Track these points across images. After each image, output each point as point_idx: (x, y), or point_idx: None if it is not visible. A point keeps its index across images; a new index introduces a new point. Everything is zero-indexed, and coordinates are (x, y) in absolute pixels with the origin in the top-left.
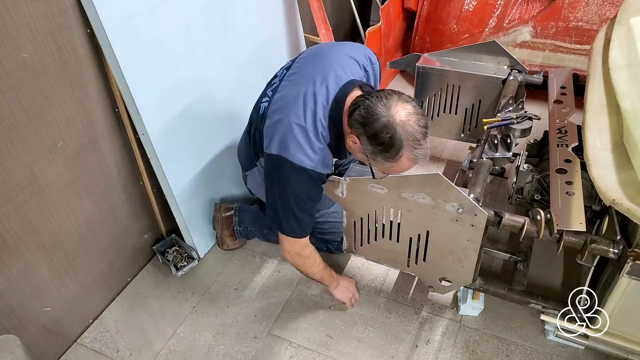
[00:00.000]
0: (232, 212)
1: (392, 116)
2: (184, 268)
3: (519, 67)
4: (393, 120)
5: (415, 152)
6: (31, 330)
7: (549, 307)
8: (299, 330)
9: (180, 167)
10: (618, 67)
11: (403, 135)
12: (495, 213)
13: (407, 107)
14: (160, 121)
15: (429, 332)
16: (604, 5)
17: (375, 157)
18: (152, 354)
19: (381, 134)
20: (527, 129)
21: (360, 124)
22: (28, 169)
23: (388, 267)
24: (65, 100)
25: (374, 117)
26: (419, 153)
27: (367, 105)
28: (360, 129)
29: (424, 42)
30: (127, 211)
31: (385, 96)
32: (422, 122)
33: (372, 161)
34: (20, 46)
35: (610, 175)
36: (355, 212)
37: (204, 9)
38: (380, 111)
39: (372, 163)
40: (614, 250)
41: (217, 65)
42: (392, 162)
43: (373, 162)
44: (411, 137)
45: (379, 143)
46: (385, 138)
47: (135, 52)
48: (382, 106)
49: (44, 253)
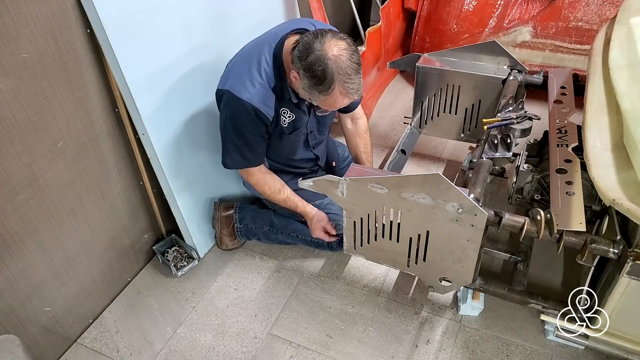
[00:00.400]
0: (232, 211)
1: (324, 50)
2: (184, 268)
3: (519, 67)
4: (325, 54)
5: (347, 86)
6: (31, 330)
7: (549, 307)
8: (299, 330)
9: (180, 167)
10: (618, 67)
11: (335, 69)
12: (495, 213)
13: (340, 44)
14: (160, 121)
15: (429, 332)
16: (604, 5)
17: (311, 91)
18: (152, 354)
19: (314, 67)
20: (527, 129)
21: (298, 58)
22: (28, 169)
23: (388, 267)
24: (65, 100)
25: (309, 51)
26: (351, 87)
27: (305, 41)
28: (298, 64)
29: (424, 42)
30: (127, 211)
31: (321, 33)
32: (355, 57)
33: (310, 95)
34: (20, 46)
35: (610, 175)
36: (355, 212)
37: (203, 9)
38: (316, 46)
39: (311, 98)
40: (614, 250)
41: (217, 64)
42: (325, 95)
43: (311, 97)
44: (342, 71)
45: (312, 76)
46: (318, 71)
47: (135, 52)
48: (317, 42)
49: (44, 253)
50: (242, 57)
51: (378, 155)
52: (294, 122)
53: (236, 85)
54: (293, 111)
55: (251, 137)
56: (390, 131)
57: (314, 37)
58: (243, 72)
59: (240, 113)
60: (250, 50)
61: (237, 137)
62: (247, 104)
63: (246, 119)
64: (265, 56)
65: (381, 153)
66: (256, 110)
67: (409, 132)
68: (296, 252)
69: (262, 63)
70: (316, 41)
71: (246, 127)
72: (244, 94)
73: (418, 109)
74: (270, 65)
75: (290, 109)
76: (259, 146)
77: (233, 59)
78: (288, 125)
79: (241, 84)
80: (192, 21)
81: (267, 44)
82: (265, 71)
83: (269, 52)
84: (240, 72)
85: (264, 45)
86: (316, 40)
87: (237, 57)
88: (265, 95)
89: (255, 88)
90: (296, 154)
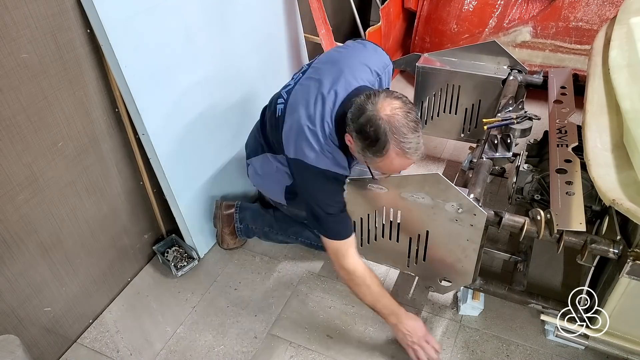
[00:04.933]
0: (233, 210)
1: (377, 110)
2: (184, 268)
3: (519, 67)
4: (377, 114)
5: (403, 146)
6: (31, 330)
7: (549, 307)
8: (299, 330)
9: (180, 167)
10: (618, 67)
11: (388, 128)
12: (495, 213)
13: (394, 103)
14: (160, 121)
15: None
16: (604, 5)
17: (365, 153)
18: (152, 354)
19: (366, 128)
20: (527, 129)
21: (351, 120)
22: (28, 169)
23: (388, 267)
24: (65, 100)
25: (361, 113)
26: (407, 147)
27: (358, 103)
28: (350, 126)
29: (424, 42)
30: (127, 211)
31: (375, 94)
32: (411, 116)
33: (365, 159)
34: (20, 46)
35: (610, 175)
36: (355, 212)
37: (204, 9)
38: (367, 107)
39: (366, 161)
40: (614, 250)
41: (217, 65)
42: (380, 156)
43: (366, 160)
44: (397, 130)
45: (364, 137)
46: (370, 132)
47: (135, 52)
48: (370, 103)
49: (44, 253)
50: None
51: None
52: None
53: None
54: None
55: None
56: None
57: (366, 98)
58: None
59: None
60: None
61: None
62: (327, 172)
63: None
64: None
65: None
66: (336, 175)
67: None
68: (296, 252)
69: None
70: (369, 102)
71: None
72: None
73: (418, 108)
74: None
75: None
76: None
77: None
78: None
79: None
80: (192, 21)
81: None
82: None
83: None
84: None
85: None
86: (369, 101)
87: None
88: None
89: (328, 155)
90: None
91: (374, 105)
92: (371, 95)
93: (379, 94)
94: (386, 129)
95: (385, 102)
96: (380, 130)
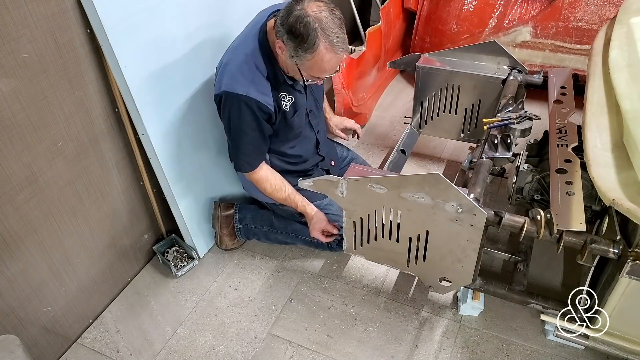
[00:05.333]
0: (232, 211)
1: (304, 9)
2: (184, 268)
3: (519, 67)
4: (305, 12)
5: (331, 40)
6: (31, 330)
7: (549, 307)
8: (299, 330)
9: (180, 167)
10: (618, 67)
11: (316, 24)
12: (495, 213)
13: (319, 2)
14: (160, 121)
15: (429, 332)
16: (604, 5)
17: (297, 53)
18: (152, 354)
19: (296, 25)
20: (527, 129)
21: (280, 25)
22: (28, 169)
23: (388, 267)
24: (65, 100)
25: (289, 14)
26: (336, 41)
27: (287, 8)
28: (281, 30)
29: (424, 42)
30: (127, 211)
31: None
32: (336, 12)
33: (296, 61)
34: (20, 46)
35: (610, 175)
36: (355, 212)
37: (203, 9)
38: (295, 7)
39: (298, 65)
40: (614, 250)
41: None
42: (311, 53)
43: (298, 63)
44: (325, 25)
45: (295, 35)
46: (300, 28)
47: (135, 52)
48: (297, 6)
49: (44, 253)
50: (230, 57)
51: (378, 155)
52: (294, 104)
53: (230, 84)
54: (291, 93)
55: (253, 133)
56: (390, 131)
57: (293, 3)
58: (234, 70)
59: (242, 111)
60: (236, 49)
61: (242, 137)
62: (245, 98)
63: (247, 115)
64: (250, 48)
65: (381, 153)
66: (257, 103)
67: (408, 132)
68: (296, 252)
69: (249, 54)
70: (295, 5)
71: (248, 124)
72: (239, 89)
73: (418, 109)
74: (257, 54)
75: (288, 92)
76: (262, 143)
77: (221, 63)
78: (290, 109)
79: (235, 80)
80: (192, 21)
81: (249, 36)
82: (254, 63)
83: (254, 42)
84: (230, 71)
85: (247, 39)
86: (295, 5)
87: (224, 59)
88: (261, 85)
89: (248, 81)
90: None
91: (301, 6)
92: (298, 0)
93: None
94: (315, 25)
95: (311, 3)
96: (309, 26)
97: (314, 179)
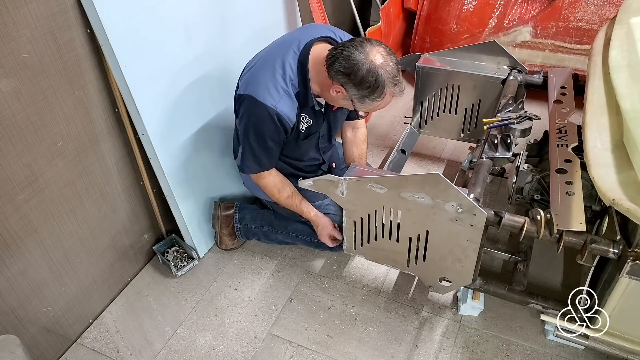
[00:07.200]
0: (232, 211)
1: (372, 61)
2: (184, 268)
3: (519, 67)
4: (374, 65)
5: (395, 88)
6: (31, 330)
7: (549, 307)
8: (299, 330)
9: (180, 167)
10: (618, 67)
11: (385, 75)
12: (495, 213)
13: (381, 50)
14: (160, 121)
15: (429, 332)
16: (604, 5)
17: (363, 100)
18: (152, 354)
19: (367, 79)
20: (527, 129)
21: (344, 74)
22: (28, 169)
23: (388, 267)
24: (65, 100)
25: (357, 66)
26: (398, 89)
27: (346, 55)
28: (344, 79)
29: (424, 42)
30: (127, 211)
31: (359, 44)
32: (395, 59)
33: (358, 104)
34: (20, 46)
35: (610, 175)
36: (355, 212)
37: (203, 9)
38: (360, 59)
39: (357, 106)
40: (614, 250)
41: (217, 65)
42: (378, 101)
43: (360, 105)
44: (390, 76)
45: (366, 87)
46: (371, 82)
47: (135, 52)
48: (359, 54)
49: (44, 253)
50: (265, 61)
51: (378, 155)
52: (311, 127)
53: (259, 91)
54: (311, 117)
55: (271, 143)
56: (390, 131)
57: (354, 49)
58: (267, 77)
59: (262, 119)
60: (273, 54)
61: (258, 143)
62: (271, 110)
63: (268, 125)
64: (289, 62)
65: (381, 153)
66: (279, 117)
67: (408, 132)
68: (296, 252)
69: (287, 69)
70: (357, 53)
71: (268, 133)
72: (268, 100)
73: (418, 108)
74: (295, 72)
75: (309, 115)
76: (276, 152)
77: (254, 62)
78: (305, 130)
79: (265, 89)
80: (192, 21)
81: (290, 49)
82: (290, 78)
83: (294, 58)
84: (263, 77)
85: (287, 50)
86: (357, 52)
87: (258, 60)
88: (289, 103)
89: (279, 94)
90: (307, 155)
91: (365, 56)
92: (357, 46)
93: (364, 43)
94: (384, 78)
95: (374, 50)
96: (380, 79)
97: (314, 178)
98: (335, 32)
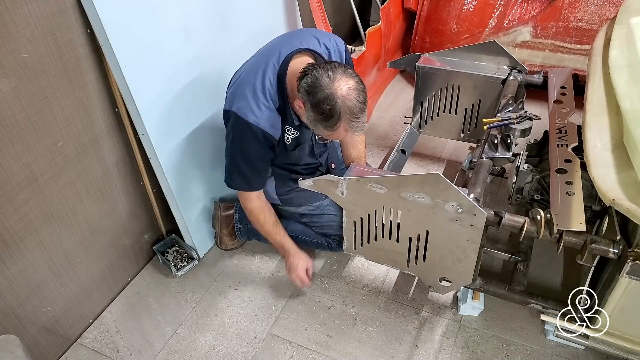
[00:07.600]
0: (232, 211)
1: (334, 89)
2: (184, 268)
3: (519, 67)
4: (335, 94)
5: (352, 124)
6: (31, 330)
7: (549, 307)
8: (299, 330)
9: (180, 167)
10: (618, 67)
11: (342, 109)
12: (495, 213)
13: (350, 82)
14: (160, 121)
15: (429, 332)
16: (604, 5)
17: (316, 125)
18: (152, 354)
19: (322, 105)
20: (527, 129)
21: (306, 92)
22: (28, 169)
23: (388, 267)
24: (65, 100)
25: (318, 88)
26: (355, 125)
27: (314, 75)
28: (305, 96)
29: (424, 42)
30: (127, 211)
31: (332, 69)
32: (362, 97)
33: (313, 127)
34: (20, 46)
35: (610, 175)
36: (355, 212)
37: (204, 9)
38: (325, 83)
39: (312, 128)
40: (614, 250)
41: (217, 65)
42: (330, 130)
43: (314, 128)
44: (349, 111)
45: (320, 112)
46: (326, 109)
47: (135, 52)
48: (326, 78)
49: (44, 253)
50: (247, 75)
51: (378, 155)
52: (297, 138)
53: (243, 108)
54: (297, 129)
55: (257, 162)
56: (390, 131)
57: (323, 72)
58: (248, 93)
59: (247, 137)
60: (255, 67)
61: (244, 160)
62: (255, 127)
63: (253, 143)
64: (269, 77)
65: (381, 153)
66: (264, 133)
67: (408, 132)
68: None
69: (266, 84)
70: (325, 76)
71: (254, 151)
72: (251, 117)
73: (418, 109)
74: (274, 87)
75: (294, 127)
76: (264, 171)
77: (239, 74)
78: (291, 142)
79: (247, 107)
80: (192, 21)
81: (270, 62)
82: (269, 92)
83: (273, 73)
84: (245, 92)
85: (267, 62)
86: (325, 75)
87: (242, 73)
88: (272, 117)
89: (261, 111)
90: (302, 160)
91: (331, 81)
92: (329, 70)
93: (336, 69)
94: (340, 110)
95: (342, 79)
96: (335, 109)
97: (314, 178)
98: (320, 38)
